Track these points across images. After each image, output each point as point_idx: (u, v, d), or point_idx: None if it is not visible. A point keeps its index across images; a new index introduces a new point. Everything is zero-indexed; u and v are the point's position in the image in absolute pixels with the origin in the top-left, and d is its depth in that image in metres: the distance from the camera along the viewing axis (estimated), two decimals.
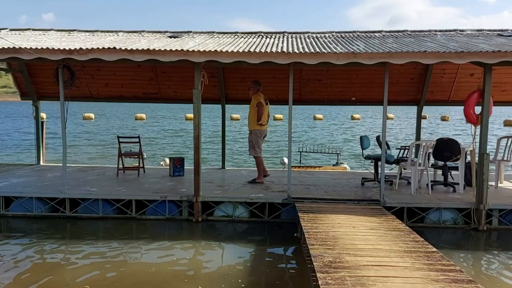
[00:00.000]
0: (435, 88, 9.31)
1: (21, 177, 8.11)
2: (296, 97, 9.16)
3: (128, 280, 4.54)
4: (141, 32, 8.84)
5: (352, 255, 4.16)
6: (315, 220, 5.46)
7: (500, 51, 5.79)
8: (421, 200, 6.64)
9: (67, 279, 4.54)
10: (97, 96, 9.98)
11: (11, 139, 21.61)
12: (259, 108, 7.50)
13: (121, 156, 8.58)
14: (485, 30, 8.53)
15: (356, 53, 5.99)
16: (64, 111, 6.77)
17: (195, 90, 6.42)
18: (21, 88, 9.83)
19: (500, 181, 7.80)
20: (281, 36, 8.40)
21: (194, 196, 6.60)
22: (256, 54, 6.13)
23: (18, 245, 5.56)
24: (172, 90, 9.70)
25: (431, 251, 4.32)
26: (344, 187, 7.61)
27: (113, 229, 6.34)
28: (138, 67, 9.05)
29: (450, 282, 3.56)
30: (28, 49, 6.13)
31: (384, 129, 6.53)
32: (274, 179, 8.20)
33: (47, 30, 8.98)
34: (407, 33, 8.51)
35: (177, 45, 6.67)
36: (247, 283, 4.47)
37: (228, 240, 5.89)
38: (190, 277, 4.62)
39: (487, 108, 6.25)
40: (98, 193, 6.86)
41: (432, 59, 5.92)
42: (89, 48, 6.17)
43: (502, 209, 6.43)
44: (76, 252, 5.32)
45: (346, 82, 9.34)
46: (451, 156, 7.09)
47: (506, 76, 8.84)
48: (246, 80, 9.42)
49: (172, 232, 6.36)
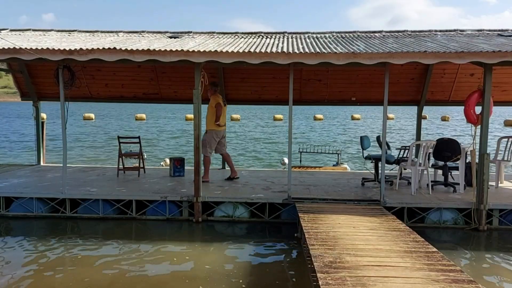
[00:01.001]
0: (435, 88, 9.31)
1: (21, 178, 8.11)
2: (296, 97, 9.15)
3: (128, 280, 4.54)
4: (141, 32, 8.85)
5: (353, 255, 4.16)
6: (316, 220, 5.46)
7: (500, 51, 5.79)
8: (422, 200, 6.64)
9: (67, 280, 4.54)
10: (97, 97, 9.98)
11: (11, 139, 21.61)
12: (217, 109, 7.67)
13: (121, 156, 8.58)
14: (485, 30, 8.53)
15: (356, 53, 5.99)
16: (64, 111, 6.77)
17: (195, 91, 6.42)
18: (21, 89, 9.84)
19: (500, 181, 7.80)
20: (281, 36, 8.40)
21: (194, 196, 6.60)
22: (256, 54, 6.13)
23: (18, 245, 5.57)
24: (173, 90, 9.70)
25: (432, 251, 4.32)
26: (344, 187, 7.61)
27: (113, 230, 6.35)
28: (138, 67, 9.05)
29: (451, 282, 3.56)
30: (28, 50, 6.13)
31: (384, 129, 6.53)
32: (274, 180, 8.20)
33: (47, 31, 8.98)
34: (407, 33, 8.51)
35: (177, 45, 6.68)
36: (247, 283, 4.47)
37: (228, 240, 5.89)
38: (190, 277, 4.62)
39: (487, 108, 6.25)
40: (98, 194, 6.86)
41: (432, 59, 5.92)
42: (89, 49, 6.17)
43: (503, 209, 6.43)
44: (76, 252, 5.32)
45: (346, 82, 9.34)
46: (451, 156, 7.09)
47: (506, 76, 8.84)
48: (246, 81, 9.45)
49: (173, 232, 6.36)
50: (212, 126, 7.76)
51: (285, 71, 7.98)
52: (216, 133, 7.81)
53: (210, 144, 7.81)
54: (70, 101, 7.15)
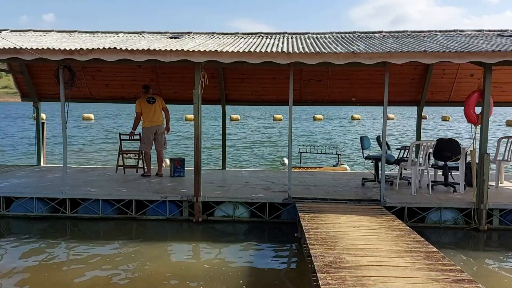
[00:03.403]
0: (435, 89, 9.31)
1: (21, 178, 8.11)
2: (296, 98, 9.15)
3: (128, 280, 4.54)
4: (141, 33, 8.86)
5: (353, 255, 4.16)
6: (316, 220, 5.46)
7: (500, 50, 5.79)
8: (422, 200, 6.64)
9: (67, 280, 4.55)
10: (97, 97, 9.99)
11: (11, 140, 21.62)
12: (137, 111, 8.42)
13: (122, 153, 8.64)
14: (485, 30, 8.54)
15: (356, 53, 5.99)
16: (64, 111, 6.77)
17: (195, 90, 6.42)
18: (21, 89, 9.83)
19: (500, 181, 7.80)
20: (281, 36, 8.41)
21: (194, 196, 6.60)
22: (257, 54, 6.13)
23: (18, 245, 5.57)
24: (173, 91, 9.71)
25: (432, 251, 4.32)
26: (345, 187, 7.61)
27: (114, 229, 6.35)
28: (139, 67, 9.06)
29: (451, 282, 3.56)
30: (28, 50, 6.14)
31: (384, 129, 6.53)
32: (275, 180, 8.20)
33: (48, 31, 8.99)
34: (407, 33, 8.52)
35: (177, 45, 6.68)
36: (247, 283, 4.47)
37: (229, 240, 5.90)
38: (190, 277, 4.62)
39: (487, 108, 6.25)
40: (99, 194, 6.86)
41: (432, 59, 5.92)
42: (90, 48, 6.18)
43: (503, 209, 6.43)
44: (76, 252, 5.33)
45: (347, 82, 9.34)
46: (451, 156, 7.09)
47: (506, 77, 8.84)
48: (247, 81, 9.45)
49: (173, 232, 6.36)
50: (143, 124, 8.45)
51: (285, 72, 7.98)
52: (148, 129, 8.40)
53: (145, 140, 8.44)
54: (70, 101, 7.15)
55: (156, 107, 8.37)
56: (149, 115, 8.32)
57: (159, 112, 8.44)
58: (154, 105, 8.36)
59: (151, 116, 8.33)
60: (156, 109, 8.36)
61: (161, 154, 8.67)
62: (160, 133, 8.45)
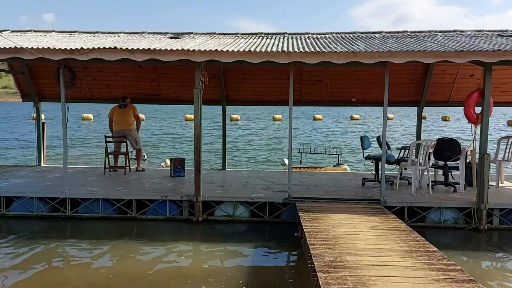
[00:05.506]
0: (435, 89, 9.31)
1: (22, 178, 8.12)
2: (296, 98, 9.15)
3: (128, 280, 4.54)
4: (142, 33, 8.87)
5: (353, 255, 4.16)
6: (316, 219, 5.46)
7: (500, 50, 5.79)
8: (422, 199, 6.64)
9: (67, 279, 4.55)
10: (98, 97, 10.00)
11: (11, 140, 21.62)
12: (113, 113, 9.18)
13: (108, 155, 8.72)
14: (485, 30, 8.54)
15: (356, 52, 5.99)
16: (65, 111, 6.77)
17: (196, 90, 6.42)
18: (22, 90, 9.84)
19: (500, 181, 7.79)
20: (281, 36, 8.42)
21: (194, 196, 6.60)
22: (257, 53, 6.14)
23: (18, 245, 5.56)
24: (173, 91, 9.71)
25: (432, 251, 4.32)
26: (345, 187, 7.61)
27: (114, 229, 6.35)
28: (139, 68, 9.07)
29: (451, 281, 3.56)
30: (29, 49, 6.14)
31: (384, 129, 6.53)
32: (275, 180, 8.20)
33: (48, 31, 8.99)
34: (407, 33, 8.52)
35: (177, 45, 6.68)
36: (247, 282, 4.47)
37: (229, 240, 5.90)
38: (190, 277, 4.63)
39: (487, 108, 6.25)
40: (99, 193, 6.86)
41: (432, 58, 5.92)
42: (90, 48, 6.18)
43: (503, 209, 6.43)
44: (76, 252, 5.33)
45: (347, 83, 9.34)
46: (451, 156, 7.09)
47: (506, 77, 8.84)
48: (247, 82, 9.45)
49: (173, 232, 6.36)
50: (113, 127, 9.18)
51: (286, 72, 7.99)
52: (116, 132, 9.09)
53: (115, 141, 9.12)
54: (70, 101, 7.15)
55: (126, 112, 9.05)
56: (118, 119, 9.06)
57: (129, 117, 9.06)
58: (125, 110, 9.06)
59: (119, 120, 9.04)
60: (125, 115, 9.04)
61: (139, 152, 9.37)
62: (126, 135, 8.98)
